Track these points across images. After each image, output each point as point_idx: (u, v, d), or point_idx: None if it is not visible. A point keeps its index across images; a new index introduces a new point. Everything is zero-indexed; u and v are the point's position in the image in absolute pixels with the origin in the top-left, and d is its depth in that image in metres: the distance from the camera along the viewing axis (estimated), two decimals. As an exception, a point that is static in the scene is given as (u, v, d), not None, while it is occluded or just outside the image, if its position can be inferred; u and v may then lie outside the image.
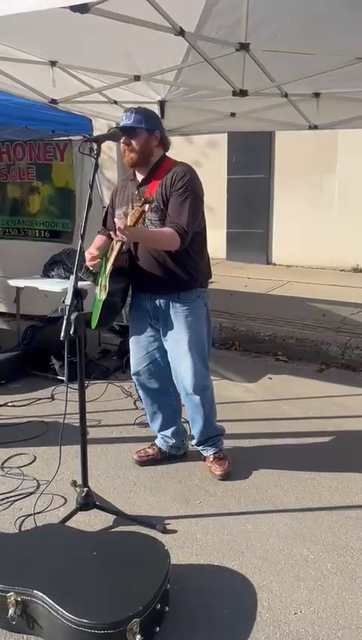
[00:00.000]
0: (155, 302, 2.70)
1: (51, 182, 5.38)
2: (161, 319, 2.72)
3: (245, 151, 8.48)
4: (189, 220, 2.51)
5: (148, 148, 2.60)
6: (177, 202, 2.53)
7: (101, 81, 4.13)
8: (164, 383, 2.87)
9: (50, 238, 5.45)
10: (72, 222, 5.29)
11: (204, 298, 2.77)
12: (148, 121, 2.60)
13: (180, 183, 2.54)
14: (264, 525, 2.44)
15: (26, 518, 2.46)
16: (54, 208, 5.43)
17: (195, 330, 2.70)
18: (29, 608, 1.80)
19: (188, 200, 2.53)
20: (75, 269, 2.23)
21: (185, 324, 2.67)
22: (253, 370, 4.52)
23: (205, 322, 2.78)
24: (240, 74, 3.44)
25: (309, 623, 1.90)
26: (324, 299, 6.20)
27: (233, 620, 1.91)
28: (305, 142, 7.43)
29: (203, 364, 2.74)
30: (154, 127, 2.63)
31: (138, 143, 2.56)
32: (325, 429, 3.43)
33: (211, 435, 2.89)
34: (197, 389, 2.74)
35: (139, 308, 2.78)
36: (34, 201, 5.54)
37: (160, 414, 2.94)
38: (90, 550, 2.01)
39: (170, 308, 2.68)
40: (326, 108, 4.25)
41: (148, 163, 2.63)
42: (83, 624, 1.69)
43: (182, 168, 2.61)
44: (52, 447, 3.09)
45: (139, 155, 2.58)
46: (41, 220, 5.51)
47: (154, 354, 2.81)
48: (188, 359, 2.69)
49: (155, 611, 1.80)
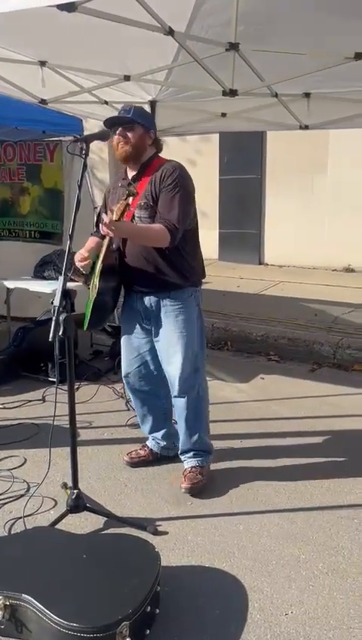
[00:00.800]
0: (146, 301, 2.67)
1: (41, 183, 5.37)
2: (152, 319, 2.69)
3: (237, 151, 8.49)
4: (180, 216, 2.49)
5: (143, 144, 2.60)
6: (167, 198, 2.51)
7: (91, 81, 4.11)
8: (155, 385, 2.84)
9: (41, 239, 5.43)
10: (61, 223, 5.28)
11: (197, 298, 2.74)
12: (146, 118, 2.64)
13: (170, 178, 2.53)
14: (255, 526, 2.44)
15: (15, 521, 2.44)
16: (44, 209, 5.41)
17: (186, 330, 2.66)
18: (17, 612, 1.79)
19: (178, 195, 2.51)
20: (64, 270, 2.22)
21: (175, 323, 2.64)
22: (245, 370, 4.52)
23: (197, 322, 2.74)
24: (230, 74, 3.43)
25: (300, 624, 1.89)
26: (316, 299, 6.21)
27: (224, 622, 1.90)
28: (296, 142, 7.44)
29: (192, 367, 2.69)
30: (150, 126, 2.65)
31: (134, 136, 2.55)
32: (317, 428, 3.43)
33: (196, 449, 2.76)
34: (182, 391, 2.68)
35: (130, 308, 2.75)
36: (24, 202, 5.52)
37: (150, 417, 2.91)
38: (80, 553, 1.99)
39: (161, 307, 2.65)
40: (317, 108, 4.26)
41: (139, 159, 2.61)
42: (72, 628, 1.67)
43: (172, 164, 2.61)
44: (43, 449, 3.05)
45: (133, 149, 2.56)
46: (31, 221, 5.50)
47: (145, 356, 2.78)
48: (176, 359, 2.65)
49: (145, 614, 1.78)
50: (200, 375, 2.77)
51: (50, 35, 3.24)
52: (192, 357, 2.68)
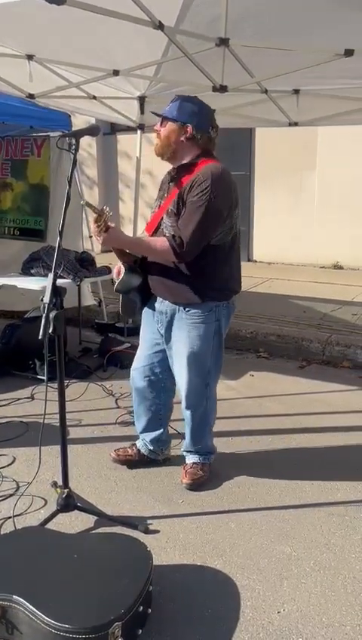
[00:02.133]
0: (161, 306, 2.57)
1: (26, 179, 5.30)
2: (165, 327, 2.58)
3: (225, 148, 8.43)
4: (194, 234, 2.30)
5: (174, 140, 2.41)
6: (188, 211, 2.33)
7: (79, 75, 4.07)
8: (157, 389, 2.76)
9: (20, 235, 5.36)
10: (45, 219, 5.22)
11: (218, 313, 2.51)
12: (182, 112, 2.41)
13: (197, 189, 2.31)
14: (247, 524, 2.43)
15: (5, 520, 2.41)
16: (26, 206, 5.34)
17: (199, 347, 2.51)
18: (8, 613, 1.76)
19: (201, 209, 2.30)
20: (54, 267, 2.18)
21: (187, 338, 2.50)
22: (234, 367, 4.51)
23: (214, 338, 2.55)
24: (220, 70, 3.42)
25: (293, 622, 1.89)
26: (305, 296, 6.22)
27: (216, 620, 1.90)
28: (285, 139, 7.45)
29: (203, 383, 2.60)
30: (186, 119, 2.40)
31: (163, 132, 2.44)
32: (307, 425, 3.43)
33: (198, 450, 2.77)
34: (188, 405, 2.65)
35: (151, 306, 2.65)
36: (5, 198, 5.45)
37: (144, 417, 2.85)
38: (71, 553, 1.97)
39: (175, 318, 2.53)
40: (306, 105, 4.26)
41: (175, 157, 2.46)
42: (64, 629, 1.65)
43: (206, 172, 2.33)
44: (32, 447, 3.03)
45: (162, 144, 2.44)
46: (11, 217, 5.42)
47: (154, 357, 2.69)
48: (185, 375, 2.57)
49: (137, 614, 1.77)
50: (210, 389, 2.69)
51: (37, 29, 3.20)
52: (203, 373, 2.59)
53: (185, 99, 2.49)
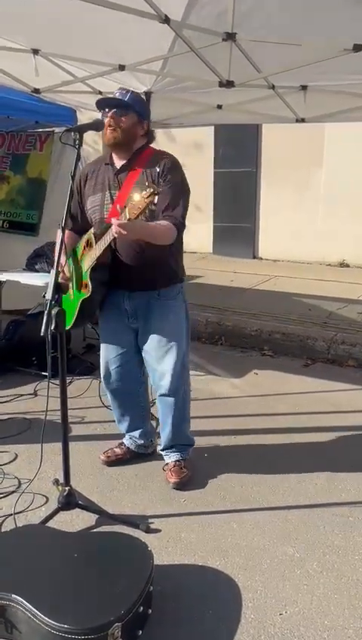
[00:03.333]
0: (134, 299, 2.58)
1: (25, 173, 5.26)
2: (141, 318, 2.60)
3: (232, 144, 8.43)
4: (183, 213, 2.44)
5: (134, 133, 2.48)
6: (170, 194, 2.40)
7: (85, 70, 4.04)
8: (134, 384, 2.79)
9: (9, 229, 5.33)
10: (40, 213, 5.18)
11: (183, 294, 2.68)
12: (142, 107, 2.53)
13: (171, 174, 2.43)
14: (249, 524, 2.41)
15: (5, 518, 2.40)
16: (21, 199, 5.31)
17: (176, 328, 2.61)
18: (7, 612, 1.75)
19: (181, 191, 2.45)
20: (56, 263, 2.16)
21: (165, 322, 2.58)
22: (238, 365, 4.49)
23: (185, 319, 2.69)
24: (227, 64, 3.38)
25: (295, 624, 1.87)
26: (310, 294, 6.18)
27: (217, 622, 1.88)
28: (292, 135, 7.39)
29: (181, 365, 2.64)
30: (145, 115, 2.55)
31: (127, 122, 2.43)
32: (311, 425, 3.40)
33: (179, 443, 2.77)
34: (171, 390, 2.64)
35: (113, 307, 2.62)
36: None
37: (128, 416, 2.85)
38: (71, 552, 1.96)
39: (150, 306, 2.57)
40: (314, 101, 4.21)
41: (129, 148, 2.50)
42: (63, 629, 1.63)
43: (171, 159, 2.50)
44: (34, 444, 3.00)
45: (124, 135, 2.43)
46: (2, 210, 5.39)
47: (125, 355, 2.70)
48: (167, 359, 2.60)
49: (138, 614, 1.75)
50: (186, 372, 2.73)
51: (43, 23, 3.18)
52: (181, 355, 2.63)
53: (134, 92, 2.52)
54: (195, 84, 4.09)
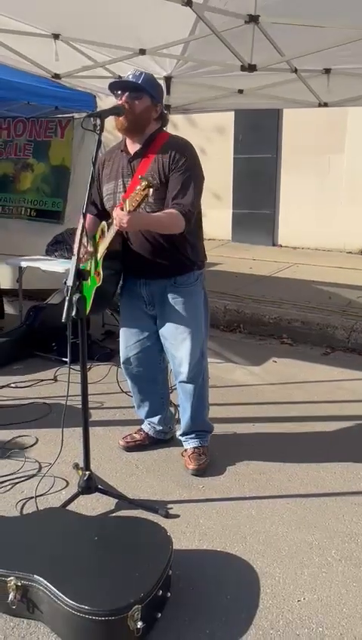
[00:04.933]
0: (151, 287, 2.57)
1: (48, 160, 5.27)
2: (158, 305, 2.60)
3: (252, 130, 8.32)
4: (194, 200, 2.38)
5: (147, 116, 2.42)
6: (180, 180, 2.37)
7: (105, 55, 4.02)
8: (153, 371, 2.79)
9: (37, 217, 5.36)
10: (64, 201, 5.20)
11: (202, 280, 2.64)
12: (155, 89, 2.46)
13: (182, 160, 2.38)
14: (268, 511, 2.42)
15: (27, 500, 2.44)
16: (46, 187, 5.32)
17: (194, 316, 2.59)
18: (29, 593, 1.78)
19: (193, 177, 2.39)
20: (77, 250, 2.17)
21: (183, 310, 2.56)
22: (257, 353, 4.47)
23: (203, 306, 2.66)
24: (249, 48, 3.32)
25: (313, 611, 1.87)
26: (330, 281, 6.12)
27: (235, 607, 1.89)
28: (313, 121, 7.28)
29: (200, 352, 2.64)
30: (159, 98, 2.49)
31: (139, 106, 2.38)
32: (330, 413, 3.39)
33: (198, 429, 2.78)
34: (190, 377, 2.65)
35: (132, 294, 2.63)
36: (25, 179, 5.44)
37: (147, 402, 2.86)
38: (92, 535, 1.98)
39: (167, 294, 2.56)
40: (337, 84, 4.14)
41: (142, 133, 2.45)
42: (83, 610, 1.66)
43: (183, 144, 2.45)
44: (54, 429, 3.05)
45: (136, 119, 2.38)
46: (29, 198, 5.42)
47: (145, 342, 2.70)
48: (185, 346, 2.59)
49: (157, 597, 1.77)
50: (205, 359, 2.72)
51: (64, 7, 3.16)
52: (200, 343, 2.63)
53: (147, 74, 2.45)
54: (216, 69, 4.04)
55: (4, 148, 5.49)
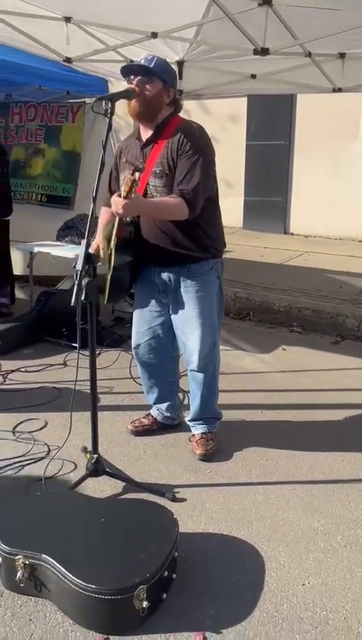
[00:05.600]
0: (164, 276, 2.56)
1: (59, 145, 5.26)
2: (171, 294, 2.59)
3: (265, 116, 8.23)
4: (200, 185, 2.32)
5: (159, 102, 2.38)
6: (187, 165, 2.33)
7: (117, 38, 3.99)
8: (164, 358, 2.79)
9: (47, 202, 5.35)
10: (74, 186, 5.18)
11: (218, 270, 2.61)
12: (168, 73, 2.42)
13: (189, 143, 2.34)
14: (274, 496, 2.43)
15: (36, 482, 2.47)
16: (57, 172, 5.31)
17: (206, 305, 2.57)
18: (36, 571, 1.81)
19: (199, 162, 2.33)
20: (87, 234, 2.17)
21: (196, 299, 2.55)
22: (267, 341, 4.47)
23: (217, 296, 2.64)
24: (263, 31, 3.28)
25: (317, 595, 1.89)
26: (342, 270, 6.08)
27: (240, 589, 1.91)
28: (326, 107, 7.18)
29: (212, 342, 2.63)
30: (171, 82, 2.44)
31: (151, 90, 2.34)
32: (339, 401, 3.38)
33: (206, 416, 2.79)
34: (201, 367, 2.65)
35: (146, 280, 2.62)
36: (36, 164, 5.43)
37: (156, 389, 2.87)
38: (99, 516, 2.01)
39: (180, 282, 2.54)
40: (352, 69, 4.08)
41: (154, 119, 2.42)
42: (90, 589, 1.68)
43: (191, 127, 2.41)
44: (63, 413, 3.08)
45: (148, 104, 2.35)
46: (40, 184, 5.41)
47: (157, 329, 2.70)
48: (197, 336, 2.58)
49: (163, 578, 1.80)
50: (217, 348, 2.72)
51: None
52: (212, 332, 2.62)
53: (159, 58, 2.41)
54: (229, 53, 4.00)
55: (16, 133, 5.49)
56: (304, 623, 1.78)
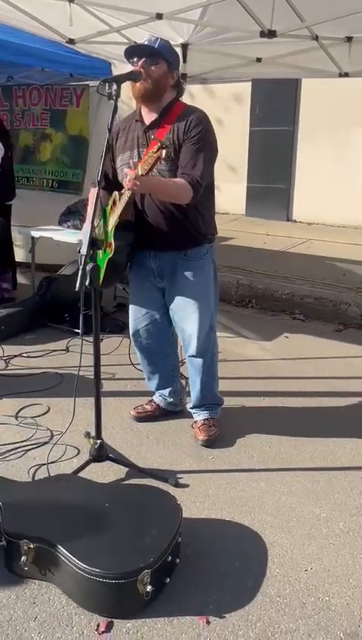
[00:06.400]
0: (161, 259, 2.55)
1: (65, 129, 5.20)
2: (167, 278, 2.58)
3: (269, 102, 8.15)
4: (204, 172, 2.32)
5: (164, 83, 2.36)
6: (191, 151, 2.33)
7: (121, 20, 3.92)
8: (163, 344, 2.78)
9: (58, 188, 5.31)
10: (83, 172, 5.14)
11: (212, 254, 2.62)
12: (171, 55, 2.40)
13: (195, 130, 2.34)
14: (277, 483, 2.43)
15: (39, 467, 2.48)
16: (65, 157, 5.26)
17: (203, 289, 2.57)
18: (41, 555, 1.82)
19: (204, 149, 2.34)
20: (92, 218, 2.15)
21: (192, 283, 2.54)
22: (269, 328, 4.46)
23: (213, 280, 2.64)
24: (269, 13, 3.23)
25: (320, 580, 1.90)
26: (345, 258, 6.05)
27: (243, 575, 1.92)
28: (332, 93, 7.10)
29: (209, 326, 2.63)
30: (175, 65, 2.44)
31: (156, 71, 2.32)
32: (341, 389, 3.38)
33: (208, 402, 2.79)
34: (200, 352, 2.64)
35: (141, 265, 2.61)
36: (45, 149, 5.38)
37: (157, 374, 2.87)
38: (103, 501, 2.01)
39: (177, 266, 2.54)
40: (359, 54, 4.02)
41: (159, 101, 2.40)
42: (94, 573, 1.69)
43: (198, 115, 2.39)
44: (66, 398, 3.08)
45: (154, 86, 2.33)
46: (50, 169, 5.36)
47: (155, 314, 2.69)
48: (194, 320, 2.58)
49: (166, 563, 1.80)
50: (214, 333, 2.71)
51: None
52: (209, 316, 2.62)
53: (163, 40, 2.38)
54: (234, 35, 3.94)
55: (22, 117, 5.43)
56: (306, 607, 1.79)
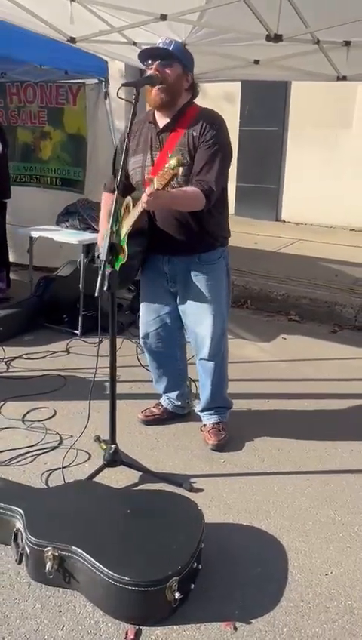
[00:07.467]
0: (174, 264, 2.54)
1: (63, 127, 5.15)
2: (180, 282, 2.57)
3: (259, 102, 8.18)
4: (218, 177, 2.30)
5: (179, 87, 2.34)
6: (206, 156, 2.30)
7: (122, 20, 3.88)
8: (173, 347, 2.79)
9: (62, 186, 5.27)
10: (83, 170, 5.10)
11: (226, 257, 2.61)
12: (186, 57, 2.38)
13: (210, 133, 2.30)
14: (289, 486, 2.46)
15: (51, 472, 2.46)
16: (66, 155, 5.22)
17: (216, 293, 2.57)
18: (66, 563, 1.81)
19: (219, 154, 2.31)
20: (110, 224, 2.13)
21: (206, 287, 2.54)
22: (266, 329, 4.49)
23: (226, 284, 2.64)
24: (276, 17, 3.23)
25: (341, 584, 1.92)
26: (336, 259, 6.12)
27: (264, 580, 1.93)
28: (321, 94, 7.17)
29: (222, 330, 2.64)
30: (190, 67, 2.41)
31: (172, 74, 2.29)
32: (342, 391, 3.43)
33: (217, 406, 2.80)
34: (211, 355, 2.65)
35: (154, 269, 2.60)
36: (45, 147, 5.32)
37: (166, 377, 2.88)
38: (124, 507, 2.01)
39: (190, 270, 2.53)
40: (357, 58, 4.05)
41: (174, 105, 2.37)
42: (123, 580, 1.69)
43: (214, 118, 2.36)
44: (71, 401, 3.07)
45: (169, 91, 2.29)
46: (53, 167, 5.31)
47: (165, 318, 2.69)
48: (207, 324, 2.58)
49: (192, 570, 1.81)
50: (226, 337, 2.72)
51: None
52: (221, 320, 2.62)
53: (178, 42, 2.37)
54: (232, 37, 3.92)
55: (18, 114, 5.35)
56: (330, 612, 1.81)
